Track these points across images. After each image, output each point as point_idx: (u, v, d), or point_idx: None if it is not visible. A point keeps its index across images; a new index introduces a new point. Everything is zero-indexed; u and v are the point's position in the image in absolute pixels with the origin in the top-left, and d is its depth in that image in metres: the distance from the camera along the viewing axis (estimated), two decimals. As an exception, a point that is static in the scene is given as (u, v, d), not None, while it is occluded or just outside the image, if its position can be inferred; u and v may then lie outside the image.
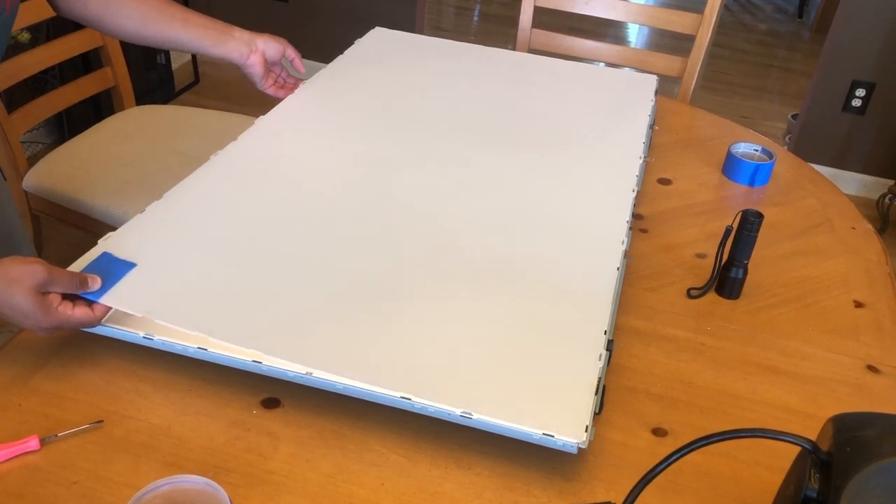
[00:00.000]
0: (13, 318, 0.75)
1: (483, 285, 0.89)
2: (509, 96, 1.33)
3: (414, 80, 1.35)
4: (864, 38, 2.63)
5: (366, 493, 0.70)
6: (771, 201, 1.21)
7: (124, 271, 0.84)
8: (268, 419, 0.77)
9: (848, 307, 1.00)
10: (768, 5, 4.80)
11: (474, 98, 1.31)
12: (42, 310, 0.74)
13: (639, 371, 0.87)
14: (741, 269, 0.98)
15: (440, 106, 1.27)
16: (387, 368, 0.77)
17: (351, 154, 1.11)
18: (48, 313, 0.75)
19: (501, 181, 1.08)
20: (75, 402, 0.77)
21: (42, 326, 0.75)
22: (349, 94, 1.27)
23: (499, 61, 1.47)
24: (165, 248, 0.89)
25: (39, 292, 0.74)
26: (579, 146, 1.19)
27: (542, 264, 0.93)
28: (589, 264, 0.94)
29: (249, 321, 0.81)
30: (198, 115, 1.84)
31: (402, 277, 0.89)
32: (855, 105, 2.74)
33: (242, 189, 1.01)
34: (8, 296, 0.73)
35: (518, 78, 1.40)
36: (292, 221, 0.97)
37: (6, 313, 0.75)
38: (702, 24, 1.64)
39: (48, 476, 0.69)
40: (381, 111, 1.23)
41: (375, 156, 1.11)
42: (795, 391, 0.86)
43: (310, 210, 0.99)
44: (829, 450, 0.56)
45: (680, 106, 1.54)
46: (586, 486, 0.73)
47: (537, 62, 1.48)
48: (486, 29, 4.08)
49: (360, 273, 0.89)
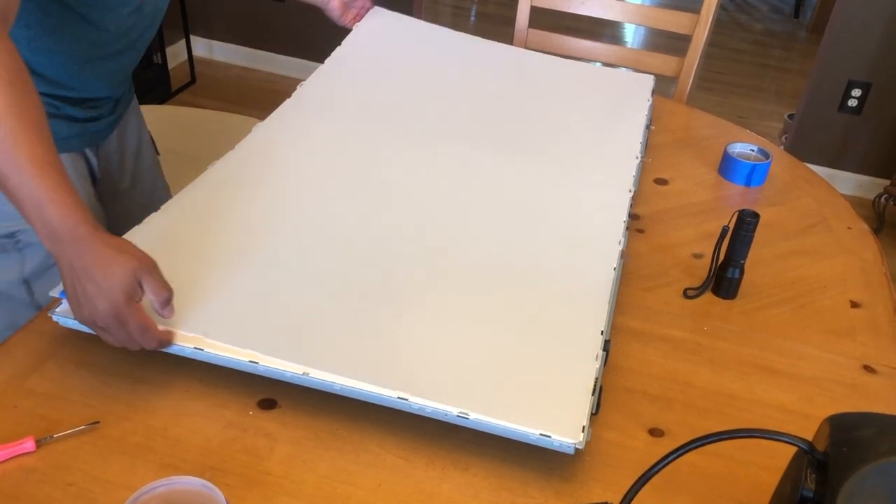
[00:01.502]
0: (88, 292, 0.70)
1: (480, 286, 0.89)
2: (507, 94, 1.32)
3: (411, 77, 1.34)
4: (861, 38, 2.63)
5: (363, 494, 0.70)
6: (767, 201, 1.21)
7: None
8: (264, 420, 0.77)
9: (844, 307, 1.00)
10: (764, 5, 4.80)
11: (471, 95, 1.30)
12: (128, 300, 0.70)
13: (636, 371, 0.87)
14: (738, 269, 0.98)
15: (437, 105, 1.26)
16: (384, 368, 0.77)
17: (346, 156, 1.11)
18: (130, 306, 0.71)
19: (498, 181, 1.08)
20: (71, 404, 0.76)
21: (112, 316, 0.70)
22: (346, 95, 1.27)
23: (497, 56, 1.45)
24: (164, 255, 0.87)
25: (137, 279, 0.71)
26: (576, 146, 1.19)
27: (538, 264, 0.93)
28: (586, 264, 0.94)
29: (246, 322, 0.80)
30: (194, 115, 1.84)
31: (399, 278, 0.89)
32: (851, 105, 2.74)
33: (240, 193, 1.01)
34: (107, 263, 0.70)
35: (516, 75, 1.40)
36: (288, 223, 0.96)
37: (86, 286, 0.69)
38: (698, 24, 1.64)
39: (44, 478, 0.69)
40: (378, 111, 1.23)
41: (371, 157, 1.11)
42: (792, 391, 0.86)
43: (306, 211, 0.99)
44: (826, 450, 0.56)
45: (676, 106, 1.54)
46: (583, 487, 0.73)
47: (535, 59, 1.47)
48: (483, 29, 4.08)
49: (356, 274, 0.89)
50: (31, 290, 1.02)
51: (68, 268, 0.71)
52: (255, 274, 0.87)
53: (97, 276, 0.70)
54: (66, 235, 0.70)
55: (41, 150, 0.70)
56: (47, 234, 0.70)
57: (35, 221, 0.70)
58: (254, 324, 0.80)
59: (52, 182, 0.69)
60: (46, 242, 0.71)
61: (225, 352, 0.77)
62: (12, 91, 0.69)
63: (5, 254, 1.00)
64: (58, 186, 0.70)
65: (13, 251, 1.00)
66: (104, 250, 0.71)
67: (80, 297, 0.71)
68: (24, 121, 0.69)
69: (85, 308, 0.71)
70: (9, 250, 1.00)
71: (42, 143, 0.70)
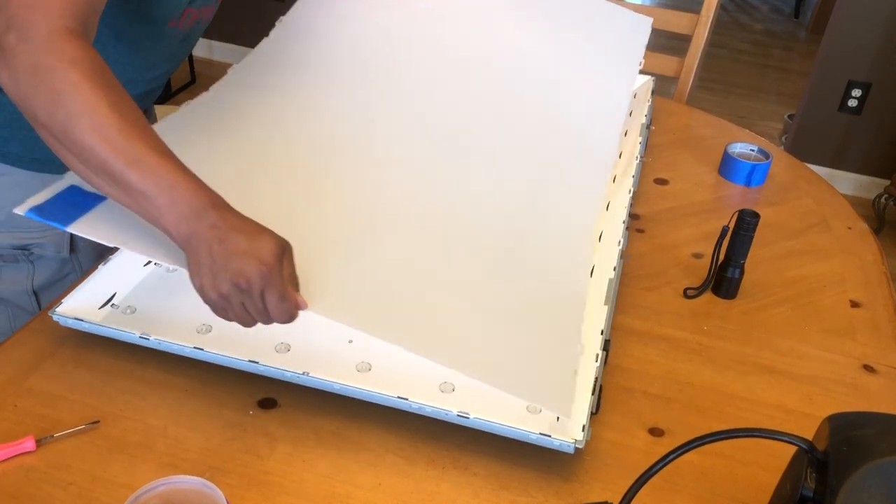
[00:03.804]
0: (238, 249, 0.67)
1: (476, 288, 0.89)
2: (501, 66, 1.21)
3: (395, 20, 1.21)
4: (861, 39, 2.63)
5: (363, 493, 0.70)
6: (767, 201, 1.21)
7: (94, 203, 0.78)
8: (264, 419, 0.77)
9: (844, 307, 1.00)
10: (765, 5, 4.81)
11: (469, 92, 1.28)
12: (278, 261, 0.68)
13: (635, 371, 0.87)
14: (738, 268, 0.98)
15: (423, 50, 1.17)
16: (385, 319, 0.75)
17: (329, 114, 1.05)
18: (279, 267, 0.68)
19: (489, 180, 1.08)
20: (71, 403, 0.76)
21: (259, 275, 0.67)
22: (329, 38, 1.17)
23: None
24: None
25: (283, 250, 0.69)
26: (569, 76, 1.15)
27: (538, 264, 0.93)
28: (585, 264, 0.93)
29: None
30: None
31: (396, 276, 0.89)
32: (851, 105, 2.74)
33: (216, 137, 0.96)
34: (256, 228, 0.68)
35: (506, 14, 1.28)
36: (272, 180, 0.93)
37: (237, 243, 0.67)
38: (698, 24, 1.64)
39: (44, 477, 0.69)
40: (362, 63, 1.14)
41: (354, 121, 1.05)
42: (792, 391, 0.86)
43: (291, 168, 0.95)
44: (826, 449, 0.56)
45: (676, 106, 1.54)
46: (583, 486, 0.73)
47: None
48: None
49: (354, 219, 0.87)
50: (38, 301, 1.03)
51: (208, 233, 0.67)
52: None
53: (249, 233, 0.68)
54: (207, 205, 0.67)
55: (154, 140, 0.68)
56: (182, 214, 0.67)
57: (166, 208, 0.67)
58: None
59: (177, 165, 0.68)
60: (180, 225, 0.68)
61: (225, 351, 0.77)
62: (110, 91, 0.68)
63: (17, 264, 1.00)
64: (185, 169, 0.68)
65: (24, 262, 1.00)
66: (249, 220, 0.69)
67: (218, 261, 0.67)
68: (127, 118, 0.68)
69: (226, 274, 0.67)
70: (20, 261, 1.00)
71: (152, 135, 0.69)
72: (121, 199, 0.69)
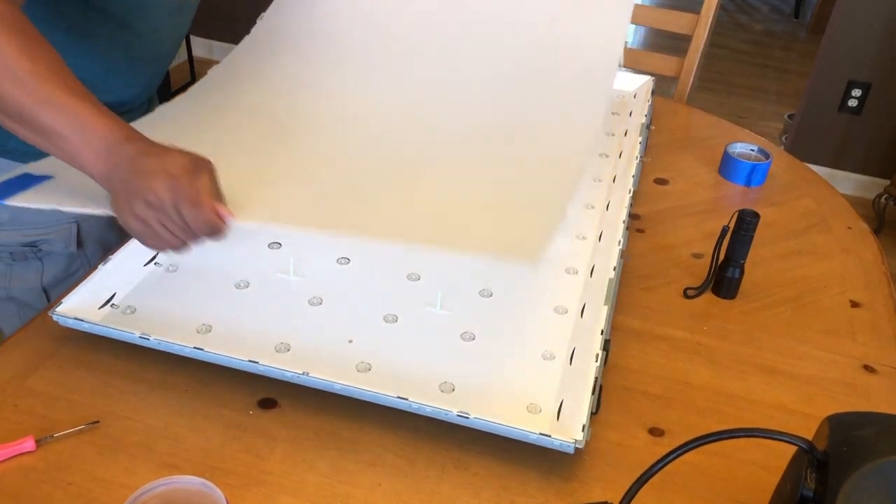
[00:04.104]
0: (146, 170, 0.66)
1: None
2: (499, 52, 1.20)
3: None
4: (861, 39, 2.63)
5: (363, 493, 0.70)
6: (767, 201, 1.21)
7: (40, 181, 0.78)
8: (264, 420, 0.77)
9: (844, 307, 1.00)
10: (764, 5, 4.81)
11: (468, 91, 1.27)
12: (186, 173, 0.66)
13: (635, 371, 0.87)
14: (738, 268, 0.98)
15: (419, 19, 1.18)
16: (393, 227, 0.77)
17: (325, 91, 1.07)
18: (186, 178, 0.66)
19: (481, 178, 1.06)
20: (71, 403, 0.76)
21: (168, 188, 0.66)
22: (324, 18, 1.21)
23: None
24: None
25: (196, 166, 0.68)
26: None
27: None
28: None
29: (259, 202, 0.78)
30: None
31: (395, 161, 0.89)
32: (851, 105, 2.74)
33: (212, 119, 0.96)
34: (167, 149, 0.67)
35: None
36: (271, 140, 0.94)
37: (145, 165, 0.66)
38: (698, 24, 1.64)
39: (44, 477, 0.69)
40: (358, 34, 1.17)
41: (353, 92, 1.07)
42: (792, 391, 0.86)
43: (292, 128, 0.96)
44: (826, 449, 0.56)
45: (676, 106, 1.54)
46: (583, 486, 0.73)
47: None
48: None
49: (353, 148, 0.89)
50: (49, 299, 1.03)
51: (124, 164, 0.67)
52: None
53: (157, 153, 0.67)
54: (121, 139, 0.67)
55: (69, 83, 0.68)
56: (97, 151, 0.67)
57: (81, 145, 0.67)
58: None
59: (91, 104, 0.67)
60: (98, 164, 0.67)
61: (225, 351, 0.77)
62: (22, 38, 0.67)
63: (25, 262, 1.00)
64: (100, 107, 0.68)
65: (33, 259, 1.00)
66: (162, 145, 0.69)
67: (131, 185, 0.67)
68: (39, 62, 0.67)
69: (137, 195, 0.67)
70: (29, 258, 1.00)
71: (68, 78, 0.68)
72: (39, 143, 0.69)
